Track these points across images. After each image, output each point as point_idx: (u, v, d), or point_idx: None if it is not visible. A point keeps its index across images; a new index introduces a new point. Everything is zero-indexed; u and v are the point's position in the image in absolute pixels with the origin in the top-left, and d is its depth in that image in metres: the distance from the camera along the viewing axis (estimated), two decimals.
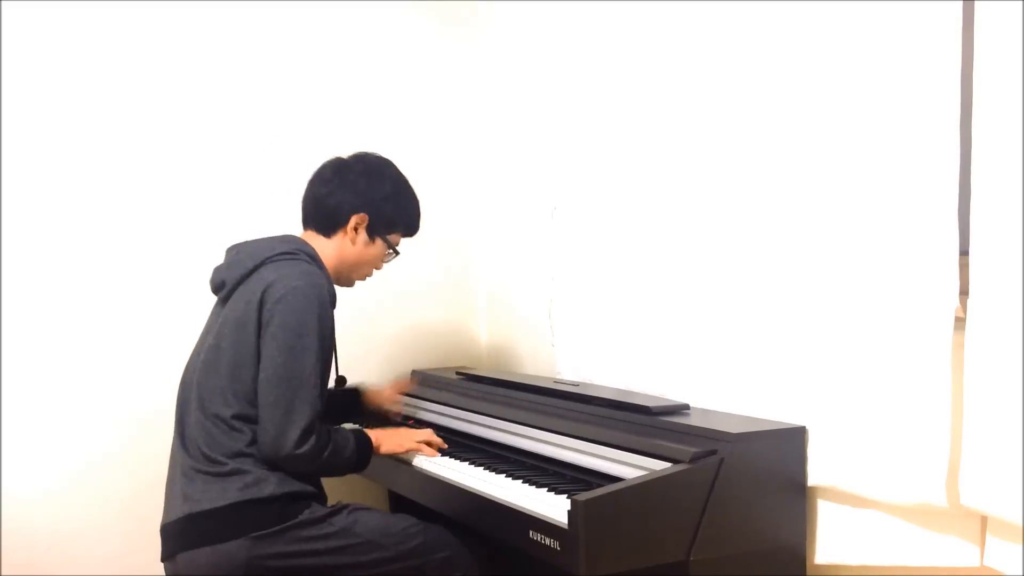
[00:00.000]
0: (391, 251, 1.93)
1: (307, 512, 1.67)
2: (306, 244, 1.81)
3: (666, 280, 2.07)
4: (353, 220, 1.84)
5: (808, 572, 1.73)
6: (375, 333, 2.62)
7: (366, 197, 1.85)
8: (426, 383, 2.52)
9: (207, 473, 1.65)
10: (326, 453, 1.67)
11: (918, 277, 1.54)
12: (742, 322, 1.87)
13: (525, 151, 2.62)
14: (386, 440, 1.88)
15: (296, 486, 1.67)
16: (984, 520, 1.52)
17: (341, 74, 2.56)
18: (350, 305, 2.54)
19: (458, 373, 2.45)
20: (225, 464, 1.64)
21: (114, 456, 2.22)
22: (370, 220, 1.86)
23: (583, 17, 2.32)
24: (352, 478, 1.90)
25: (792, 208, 1.76)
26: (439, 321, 2.76)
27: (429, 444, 1.95)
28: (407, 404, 2.40)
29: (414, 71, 2.69)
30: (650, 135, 2.11)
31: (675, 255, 2.05)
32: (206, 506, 1.63)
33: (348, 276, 1.92)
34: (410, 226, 1.96)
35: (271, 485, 1.64)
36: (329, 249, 1.86)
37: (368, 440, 1.81)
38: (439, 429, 2.22)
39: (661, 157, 2.08)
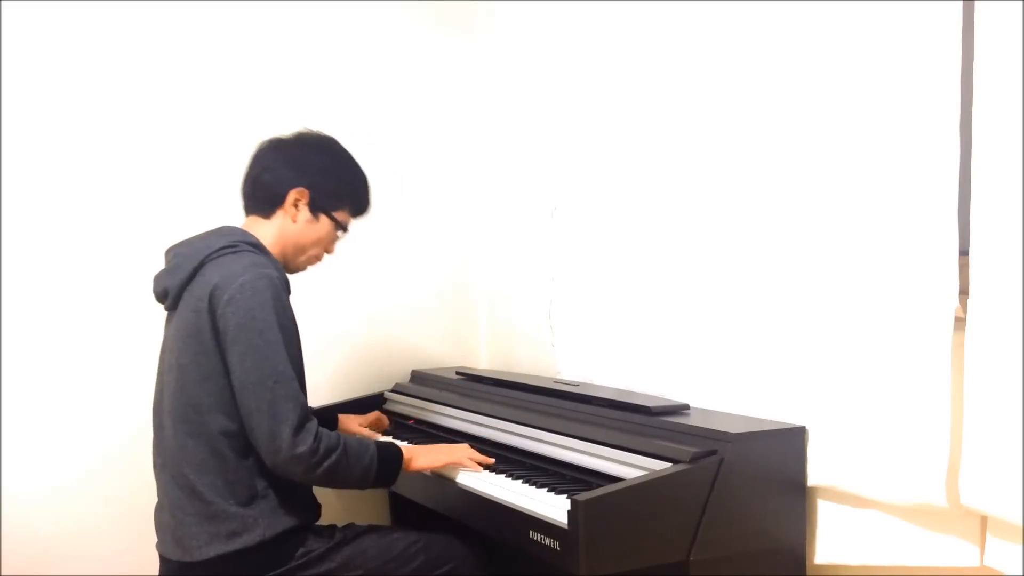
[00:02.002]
0: (340, 230, 1.80)
1: (303, 550, 1.61)
2: (246, 233, 1.70)
3: (666, 280, 2.07)
4: (292, 195, 1.72)
5: (808, 572, 1.73)
6: (375, 333, 2.62)
7: (304, 170, 1.73)
8: (426, 383, 2.52)
9: (192, 515, 1.59)
10: (332, 456, 1.56)
11: (918, 277, 1.54)
12: (742, 322, 1.87)
13: (525, 151, 2.62)
14: (421, 455, 1.76)
15: (285, 522, 1.60)
16: (984, 520, 1.52)
17: (340, 75, 2.55)
18: (350, 304, 2.56)
19: (458, 373, 2.45)
20: (210, 503, 1.57)
21: (115, 457, 2.21)
22: (311, 195, 1.73)
23: (583, 18, 2.32)
24: None
25: (792, 208, 1.77)
26: (439, 321, 2.76)
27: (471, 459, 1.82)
28: (408, 404, 2.40)
29: (414, 72, 2.68)
30: (650, 135, 2.11)
31: (675, 255, 2.05)
32: (197, 557, 1.57)
33: (295, 260, 1.77)
34: (357, 203, 1.81)
35: (259, 529, 1.58)
36: (271, 231, 1.73)
37: (396, 454, 1.70)
38: (439, 429, 2.23)
39: (661, 157, 2.08)
